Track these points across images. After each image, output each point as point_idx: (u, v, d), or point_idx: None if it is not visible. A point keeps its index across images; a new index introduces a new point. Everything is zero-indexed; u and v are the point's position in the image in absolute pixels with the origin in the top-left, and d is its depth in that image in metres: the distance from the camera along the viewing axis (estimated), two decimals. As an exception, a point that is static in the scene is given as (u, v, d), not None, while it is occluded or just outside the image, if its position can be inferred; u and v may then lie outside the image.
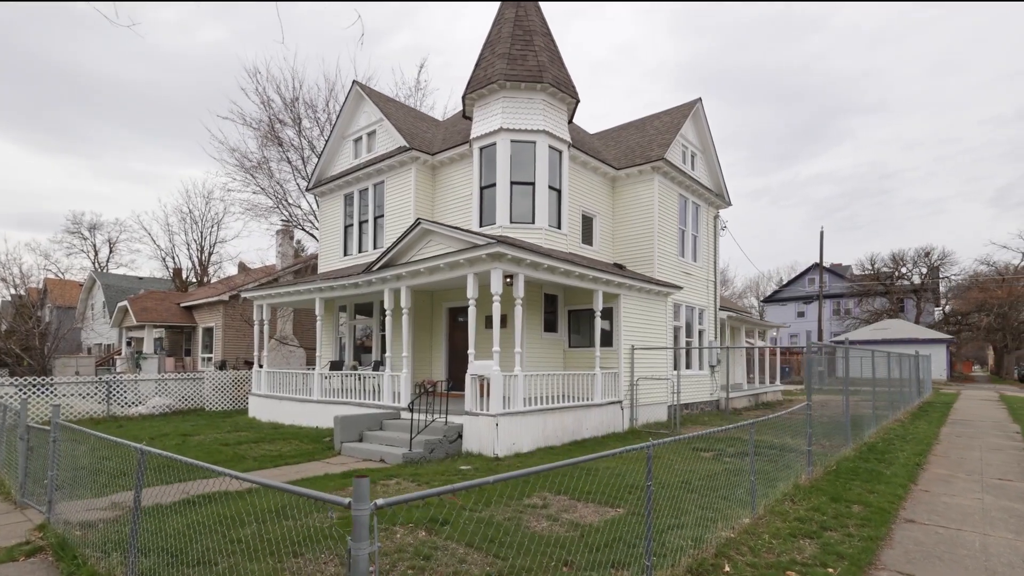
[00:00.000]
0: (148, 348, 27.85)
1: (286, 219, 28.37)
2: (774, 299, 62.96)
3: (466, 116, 15.27)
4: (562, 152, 14.66)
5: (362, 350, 18.35)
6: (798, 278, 61.80)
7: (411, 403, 10.97)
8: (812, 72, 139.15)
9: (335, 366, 16.80)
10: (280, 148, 27.98)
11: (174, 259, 45.92)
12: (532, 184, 14.07)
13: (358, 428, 11.58)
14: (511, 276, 11.29)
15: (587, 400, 13.04)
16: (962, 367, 50.88)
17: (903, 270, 52.64)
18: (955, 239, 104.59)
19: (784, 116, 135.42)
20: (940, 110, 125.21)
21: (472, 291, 11.08)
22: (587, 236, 16.65)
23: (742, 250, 67.45)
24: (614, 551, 4.94)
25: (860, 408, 12.23)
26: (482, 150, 14.45)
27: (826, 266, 43.56)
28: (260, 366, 17.16)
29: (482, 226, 14.25)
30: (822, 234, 35.65)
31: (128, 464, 5.93)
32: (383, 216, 17.20)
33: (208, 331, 26.75)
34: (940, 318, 53.48)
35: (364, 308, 17.95)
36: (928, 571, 4.92)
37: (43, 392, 16.04)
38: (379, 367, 15.39)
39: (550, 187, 14.29)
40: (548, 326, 15.34)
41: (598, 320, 13.50)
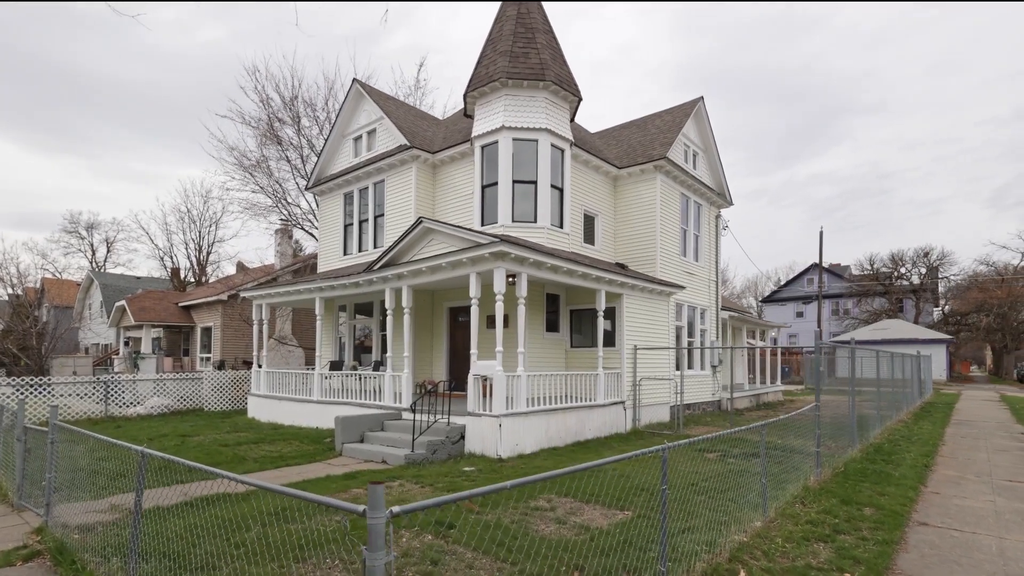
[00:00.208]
0: (146, 348, 27.67)
1: (285, 218, 28.22)
2: (773, 299, 62.86)
3: (467, 114, 15.15)
4: (564, 151, 14.55)
5: (362, 350, 18.23)
6: (797, 278, 61.69)
7: (413, 403, 10.86)
8: (812, 72, 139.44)
9: (335, 366, 16.68)
10: (279, 147, 27.85)
11: (172, 259, 45.80)
12: (534, 183, 13.95)
13: (359, 429, 11.46)
14: (514, 275, 11.17)
15: (590, 401, 12.93)
16: (960, 367, 50.91)
17: (902, 270, 52.59)
18: (954, 239, 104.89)
19: (784, 116, 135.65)
20: (939, 110, 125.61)
21: (474, 290, 10.97)
22: (589, 235, 16.54)
23: (743, 250, 67.45)
24: (625, 555, 4.83)
25: (863, 408, 12.13)
26: (484, 149, 14.34)
27: (825, 266, 43.48)
28: (259, 366, 17.02)
29: (483, 225, 14.14)
30: (821, 234, 35.61)
31: (127, 465, 5.82)
32: (383, 215, 17.07)
33: (206, 331, 26.59)
34: (939, 318, 53.45)
35: (364, 308, 17.82)
36: (945, 576, 4.83)
37: (40, 392, 15.89)
38: (379, 367, 15.27)
39: (552, 186, 14.18)
40: (550, 326, 15.23)
41: (601, 320, 13.39)
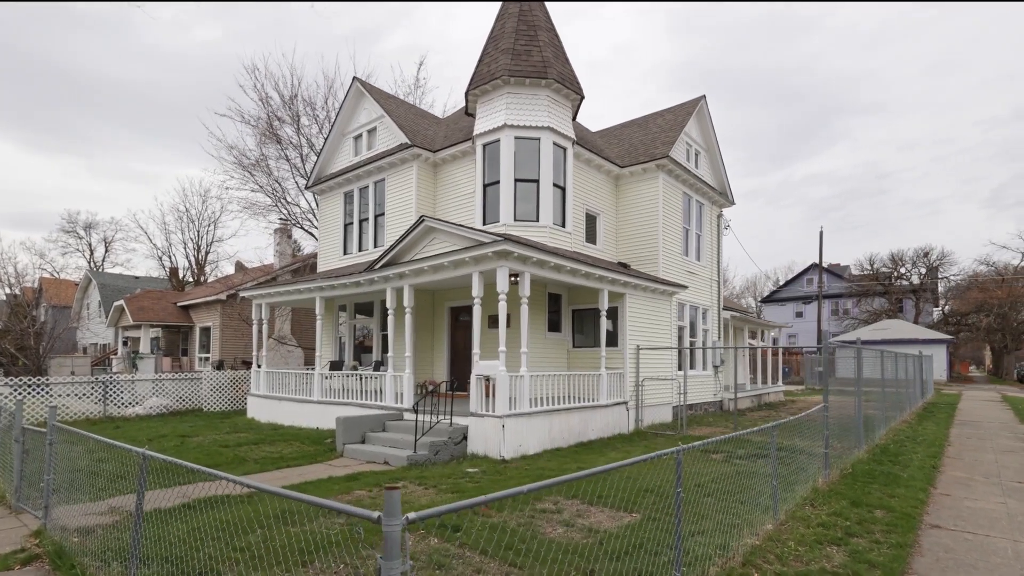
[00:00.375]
0: (144, 348, 27.53)
1: (284, 217, 28.09)
2: (772, 299, 62.77)
3: (468, 113, 15.05)
4: (566, 149, 14.45)
5: (362, 350, 18.12)
6: (796, 278, 61.59)
7: (415, 404, 10.76)
8: (810, 72, 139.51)
9: (335, 366, 16.57)
10: (279, 145, 27.72)
11: (170, 258, 45.63)
12: (536, 182, 13.85)
13: (360, 429, 11.36)
14: (517, 275, 11.07)
15: (593, 401, 12.84)
16: (960, 368, 50.87)
17: (902, 270, 52.55)
18: (952, 240, 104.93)
19: (781, 116, 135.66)
20: (938, 110, 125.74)
21: (477, 290, 10.87)
22: (591, 235, 16.45)
23: (744, 250, 67.52)
24: (637, 559, 4.74)
25: (868, 409, 12.04)
26: (485, 147, 14.24)
27: (825, 266, 43.40)
28: (259, 366, 16.91)
29: (485, 224, 14.04)
30: (821, 234, 35.54)
31: (126, 467, 5.72)
32: (384, 214, 16.96)
33: (205, 331, 26.46)
34: (939, 318, 53.41)
35: (364, 307, 17.71)
36: (962, 580, 4.74)
37: (38, 392, 15.77)
38: (379, 367, 15.17)
39: (554, 185, 14.08)
40: (552, 326, 15.13)
41: (603, 320, 13.29)
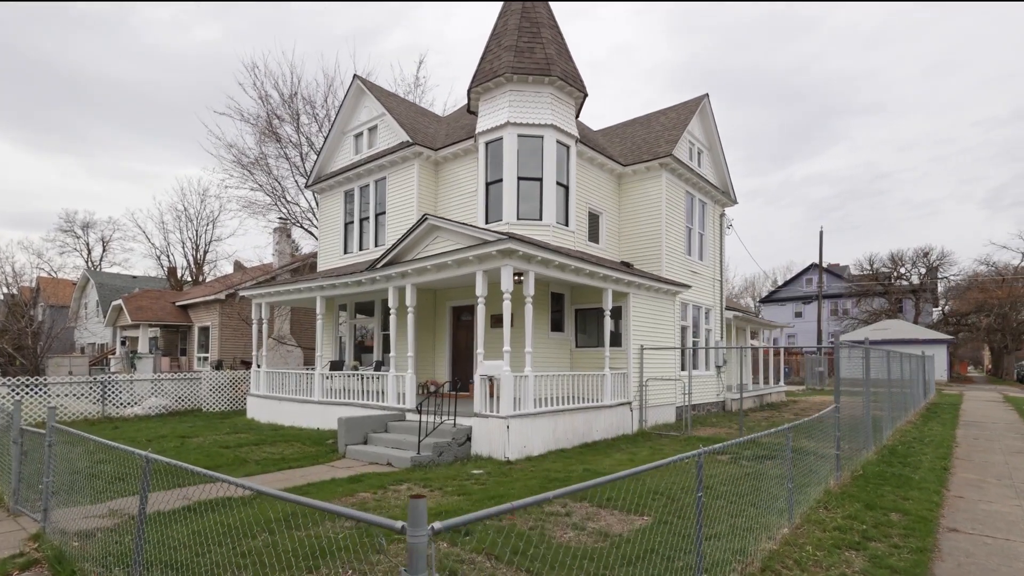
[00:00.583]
0: (143, 348, 27.36)
1: (284, 216, 27.90)
2: (771, 299, 62.72)
3: (471, 111, 14.92)
4: (570, 147, 14.33)
5: (362, 350, 17.98)
6: (795, 278, 61.56)
7: (419, 404, 10.63)
8: (810, 72, 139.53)
9: (335, 366, 16.43)
10: (278, 144, 27.55)
11: (169, 258, 45.40)
12: (539, 180, 13.72)
13: (363, 430, 11.23)
14: (521, 274, 10.94)
15: (597, 401, 12.72)
16: (959, 368, 50.84)
17: (902, 270, 52.51)
18: (951, 240, 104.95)
19: (781, 116, 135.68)
20: (937, 110, 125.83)
21: (481, 289, 10.74)
22: (594, 234, 16.33)
23: (746, 249, 67.48)
24: (651, 565, 4.61)
25: (874, 410, 11.94)
26: (488, 145, 14.11)
27: (824, 266, 43.32)
28: (259, 366, 16.76)
29: (488, 223, 13.90)
30: (821, 234, 35.50)
31: (126, 468, 5.58)
32: (384, 213, 16.82)
33: (204, 330, 26.29)
34: (939, 318, 53.37)
35: (365, 307, 17.58)
36: (984, 585, 4.63)
37: (36, 392, 15.61)
38: (380, 367, 15.04)
39: (558, 183, 13.95)
40: (555, 325, 15.01)
41: (607, 320, 13.17)
